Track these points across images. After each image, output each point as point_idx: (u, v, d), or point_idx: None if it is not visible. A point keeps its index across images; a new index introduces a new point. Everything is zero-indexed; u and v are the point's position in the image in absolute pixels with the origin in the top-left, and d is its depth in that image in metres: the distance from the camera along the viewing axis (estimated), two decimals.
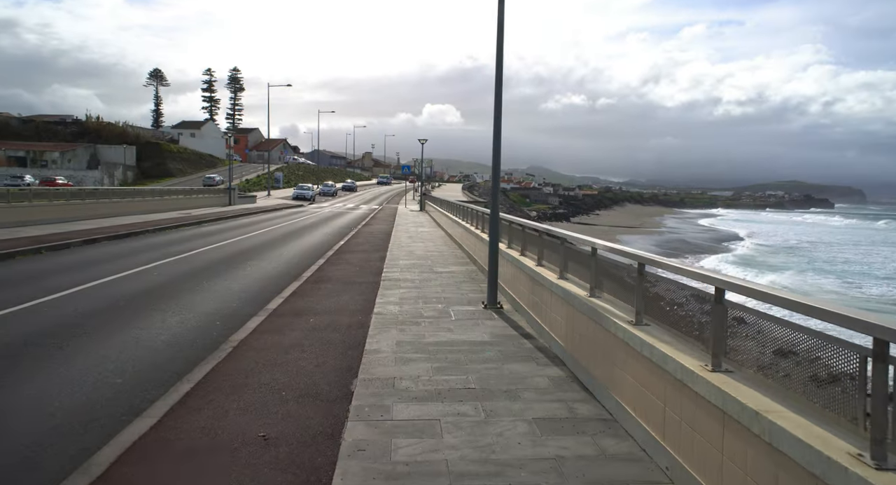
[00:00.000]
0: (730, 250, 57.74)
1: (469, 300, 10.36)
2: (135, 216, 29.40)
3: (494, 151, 9.66)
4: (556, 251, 8.00)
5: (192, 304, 10.13)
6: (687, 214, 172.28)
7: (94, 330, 8.21)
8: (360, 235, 24.09)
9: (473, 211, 17.82)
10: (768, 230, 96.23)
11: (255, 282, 12.50)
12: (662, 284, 4.75)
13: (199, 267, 14.33)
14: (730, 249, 58.83)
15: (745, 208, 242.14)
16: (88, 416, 5.22)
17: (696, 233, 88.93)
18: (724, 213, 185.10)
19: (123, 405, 5.45)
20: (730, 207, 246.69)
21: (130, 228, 22.77)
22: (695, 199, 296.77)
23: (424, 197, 49.18)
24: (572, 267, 7.22)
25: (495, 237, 9.77)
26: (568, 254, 7.35)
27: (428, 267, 14.62)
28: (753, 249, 60.71)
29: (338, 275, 13.09)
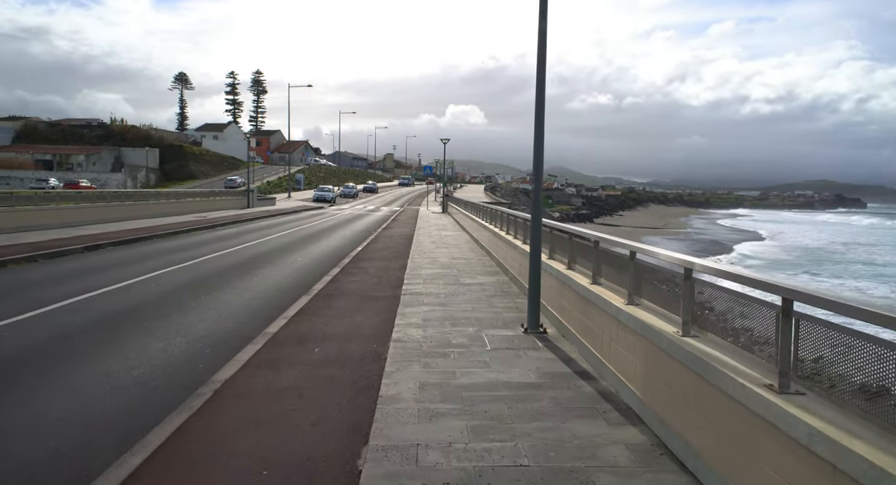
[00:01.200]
0: (757, 255, 55.11)
1: (505, 322, 8.76)
2: (149, 220, 28.39)
3: (536, 154, 8.08)
4: (619, 268, 6.37)
5: (182, 324, 8.70)
6: (712, 214, 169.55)
7: (58, 362, 6.81)
8: (379, 239, 22.63)
9: (502, 214, 16.20)
10: (796, 230, 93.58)
11: (260, 296, 11.06)
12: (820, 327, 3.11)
13: (203, 277, 12.96)
14: (757, 254, 56.17)
15: (773, 208, 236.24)
16: None
17: (724, 234, 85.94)
18: (748, 213, 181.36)
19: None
20: (756, 207, 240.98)
21: (139, 233, 21.63)
22: (720, 199, 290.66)
23: (447, 198, 47.64)
24: (647, 290, 5.59)
25: (537, 249, 8.15)
26: (639, 272, 5.71)
27: (454, 277, 13.04)
28: (779, 250, 57.96)
29: (353, 287, 11.58)
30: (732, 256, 50.14)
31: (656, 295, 5.39)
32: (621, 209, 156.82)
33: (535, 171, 8.19)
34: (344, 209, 48.84)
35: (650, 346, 4.89)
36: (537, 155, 8.07)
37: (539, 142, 8.02)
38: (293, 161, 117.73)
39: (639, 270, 5.73)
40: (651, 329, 4.85)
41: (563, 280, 8.05)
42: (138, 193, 30.44)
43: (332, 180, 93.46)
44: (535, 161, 8.10)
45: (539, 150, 8.05)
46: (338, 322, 8.61)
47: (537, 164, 8.09)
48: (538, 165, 8.10)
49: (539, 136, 8.00)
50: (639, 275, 5.73)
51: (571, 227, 8.43)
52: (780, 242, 69.80)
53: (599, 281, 6.93)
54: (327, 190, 61.18)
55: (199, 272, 13.68)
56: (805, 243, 68.13)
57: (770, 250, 58.80)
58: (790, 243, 68.54)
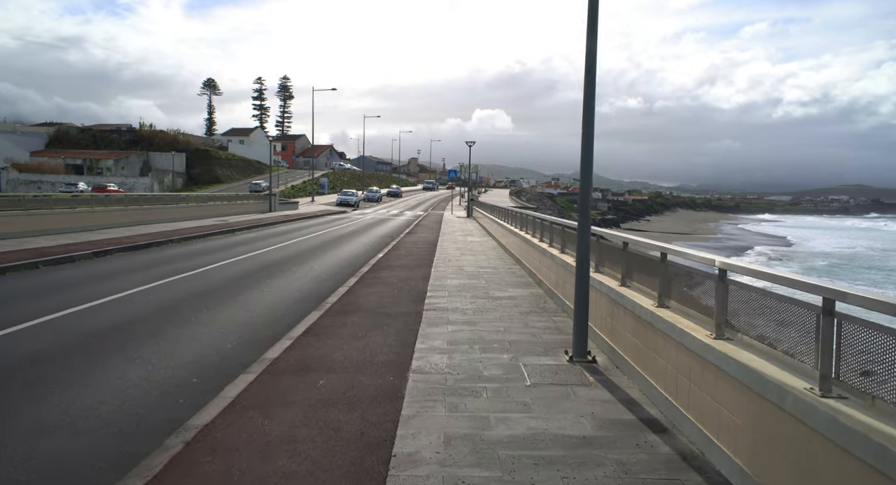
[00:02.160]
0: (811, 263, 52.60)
1: (545, 346, 7.45)
2: (168, 224, 27.73)
3: (584, 153, 6.78)
4: (696, 289, 5.05)
5: (171, 346, 7.59)
6: (742, 219, 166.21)
7: (6, 396, 5.73)
8: (401, 245, 21.47)
9: (534, 219, 14.88)
10: (819, 235, 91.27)
11: (266, 311, 9.92)
12: None
13: (208, 288, 11.92)
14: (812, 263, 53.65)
15: (805, 214, 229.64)
16: None
17: (756, 239, 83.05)
18: (777, 218, 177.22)
19: None
20: (788, 213, 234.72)
21: (154, 238, 20.83)
22: (750, 204, 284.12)
23: (472, 203, 46.37)
24: (745, 321, 4.25)
25: (585, 263, 6.82)
26: (732, 297, 4.38)
27: (482, 290, 11.76)
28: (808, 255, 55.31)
29: (369, 301, 10.39)
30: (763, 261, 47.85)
31: (761, 328, 4.05)
32: (648, 214, 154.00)
33: (584, 172, 6.87)
34: (367, 214, 47.92)
35: (766, 405, 3.55)
36: (586, 153, 6.78)
37: (588, 144, 6.73)
38: (318, 165, 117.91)
39: (731, 294, 4.40)
40: (767, 382, 3.52)
41: (615, 299, 6.73)
42: (155, 196, 29.84)
43: (356, 184, 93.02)
44: (584, 159, 6.80)
45: (588, 148, 6.76)
46: (349, 346, 7.40)
47: (586, 161, 6.79)
48: (587, 162, 6.79)
49: (588, 134, 6.71)
50: (730, 300, 4.39)
51: (627, 235, 7.10)
52: (806, 248, 67.46)
53: (667, 303, 5.60)
54: (351, 194, 60.40)
55: (205, 282, 12.65)
56: (829, 250, 65.65)
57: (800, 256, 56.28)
58: (818, 249, 66.05)
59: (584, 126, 6.73)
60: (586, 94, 6.63)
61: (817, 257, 56.64)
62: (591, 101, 6.69)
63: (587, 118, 6.71)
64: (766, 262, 49.84)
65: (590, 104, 6.68)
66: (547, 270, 11.52)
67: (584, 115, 6.69)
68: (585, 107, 6.66)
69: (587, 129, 6.74)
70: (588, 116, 6.69)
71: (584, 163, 6.78)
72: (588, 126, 6.74)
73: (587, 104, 6.64)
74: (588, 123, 6.73)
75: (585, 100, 6.65)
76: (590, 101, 6.68)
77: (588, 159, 6.77)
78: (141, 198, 28.25)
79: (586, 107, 6.65)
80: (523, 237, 15.34)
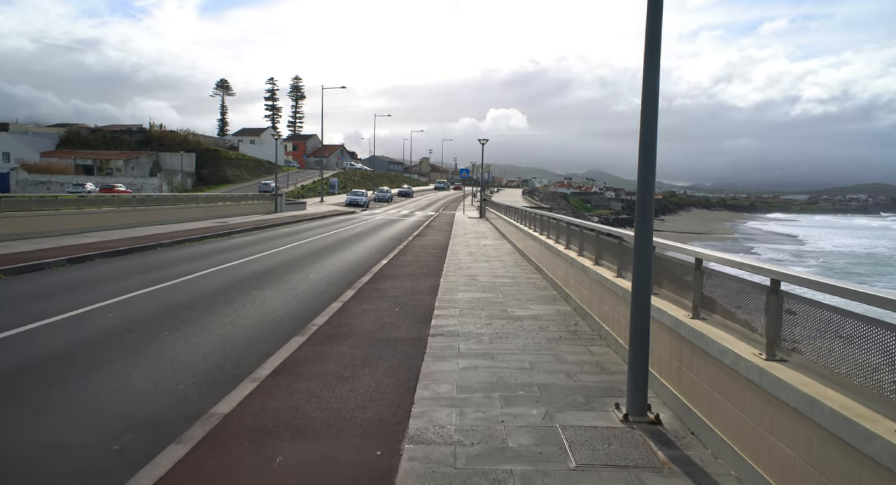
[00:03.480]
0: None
1: (586, 393, 5.66)
2: (165, 226, 26.25)
3: (643, 148, 4.98)
4: (834, 335, 3.26)
5: (103, 393, 5.89)
6: (759, 219, 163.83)
7: None
8: (409, 249, 19.74)
9: (557, 222, 13.06)
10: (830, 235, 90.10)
11: (237, 336, 8.21)
12: None
13: (180, 303, 10.26)
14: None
15: (822, 213, 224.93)
16: None
17: (776, 240, 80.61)
18: (793, 218, 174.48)
19: None
20: (804, 212, 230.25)
21: (140, 242, 19.29)
22: (766, 203, 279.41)
23: (484, 203, 44.55)
24: None
25: (645, 292, 4.99)
26: None
27: (499, 306, 9.99)
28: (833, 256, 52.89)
29: (365, 323, 8.65)
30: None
31: None
32: (662, 214, 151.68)
33: (643, 170, 5.05)
34: (376, 214, 46.31)
35: None
36: (646, 151, 4.98)
37: (649, 130, 4.93)
38: (329, 165, 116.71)
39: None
40: None
41: (686, 337, 4.93)
42: (153, 197, 28.37)
43: (366, 184, 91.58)
44: (644, 155, 5.00)
45: (648, 143, 4.96)
46: (329, 392, 5.66)
47: (646, 157, 4.98)
48: (647, 158, 4.98)
49: (650, 124, 4.91)
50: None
51: (699, 249, 5.27)
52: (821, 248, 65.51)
53: (786, 356, 3.79)
54: (360, 194, 58.85)
55: (179, 295, 10.99)
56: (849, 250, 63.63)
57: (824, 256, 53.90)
58: (837, 249, 64.01)
59: (644, 117, 4.94)
60: (647, 88, 4.84)
61: (834, 256, 54.60)
62: (654, 94, 4.89)
63: (648, 111, 4.92)
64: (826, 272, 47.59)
65: (652, 97, 4.89)
66: (576, 283, 9.72)
67: (643, 108, 4.90)
68: (646, 102, 4.87)
69: (649, 117, 4.95)
70: (649, 107, 4.90)
71: (644, 159, 4.97)
72: (650, 118, 4.94)
73: (649, 98, 4.85)
74: (650, 115, 4.94)
75: (646, 94, 4.86)
76: (652, 94, 4.88)
77: (649, 155, 4.96)
78: (134, 199, 26.78)
79: (647, 101, 4.86)
80: (544, 243, 13.53)
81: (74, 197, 22.62)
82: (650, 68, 4.88)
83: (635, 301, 5.01)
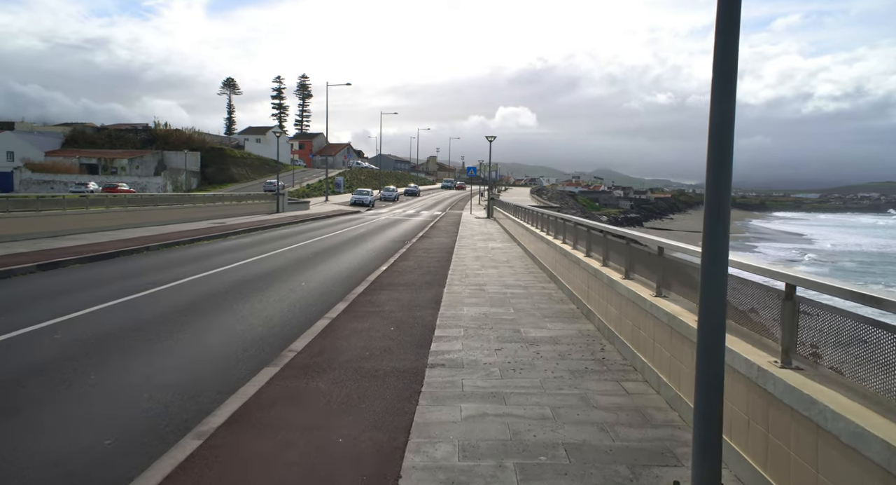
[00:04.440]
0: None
1: (630, 459, 4.28)
2: (159, 227, 25.08)
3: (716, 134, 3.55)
4: None
5: (9, 446, 4.61)
6: (769, 217, 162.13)
7: None
8: (412, 253, 18.41)
9: (575, 226, 11.67)
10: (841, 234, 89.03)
11: (198, 365, 6.90)
12: None
13: (144, 320, 8.96)
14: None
15: (833, 212, 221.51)
16: None
17: (789, 240, 78.71)
18: (802, 217, 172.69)
19: None
20: (815, 211, 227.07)
21: (126, 245, 18.07)
22: (776, 202, 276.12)
23: (492, 202, 43.14)
24: None
25: (718, 333, 3.60)
26: None
27: (511, 324, 8.62)
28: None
29: (352, 348, 7.31)
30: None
31: None
32: (671, 213, 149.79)
33: (716, 160, 3.66)
34: (381, 214, 45.07)
35: None
36: (720, 132, 3.58)
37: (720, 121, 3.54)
38: (335, 164, 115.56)
39: None
40: None
41: (776, 396, 3.56)
42: (143, 197, 27.18)
43: (373, 183, 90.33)
44: (715, 144, 3.61)
45: (723, 120, 3.56)
46: (289, 458, 4.31)
47: (720, 146, 3.59)
48: (722, 149, 3.59)
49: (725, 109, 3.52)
50: None
51: (792, 272, 3.89)
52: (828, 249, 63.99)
53: None
54: (365, 193, 57.61)
55: (149, 309, 9.71)
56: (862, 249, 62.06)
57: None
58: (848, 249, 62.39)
59: (720, 92, 3.53)
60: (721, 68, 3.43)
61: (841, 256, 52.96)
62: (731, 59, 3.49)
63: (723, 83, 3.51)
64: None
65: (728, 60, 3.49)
66: (601, 299, 8.34)
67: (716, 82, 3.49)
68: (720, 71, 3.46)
69: (724, 91, 3.54)
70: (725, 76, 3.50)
71: (718, 147, 3.58)
72: (725, 92, 3.54)
73: (725, 62, 3.44)
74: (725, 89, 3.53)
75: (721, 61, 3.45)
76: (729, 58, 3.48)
77: (723, 142, 3.57)
78: (125, 199, 25.60)
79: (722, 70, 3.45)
80: (559, 248, 12.15)
81: (59, 197, 21.43)
82: (727, 39, 3.49)
83: (704, 342, 3.62)
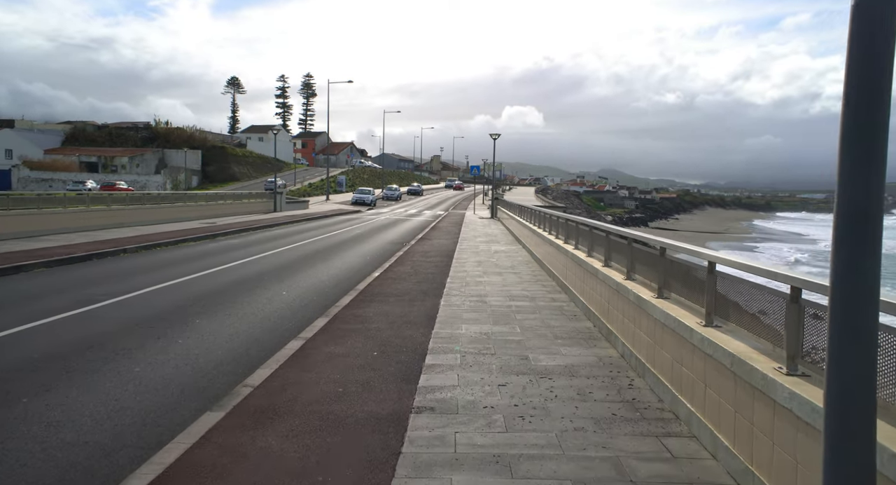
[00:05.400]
0: None
1: None
2: (147, 227, 23.80)
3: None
4: None
5: None
6: (776, 218, 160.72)
7: None
8: (409, 257, 17.04)
9: (590, 230, 10.26)
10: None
11: (125, 408, 5.51)
12: None
13: (92, 338, 7.61)
14: None
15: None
16: None
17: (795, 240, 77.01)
18: (806, 217, 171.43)
19: None
20: (820, 211, 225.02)
21: (103, 247, 16.78)
22: (782, 202, 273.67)
23: (496, 202, 41.76)
24: None
25: (869, 406, 2.24)
26: None
27: (517, 349, 7.22)
28: None
29: (322, 382, 5.92)
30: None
31: None
32: (677, 213, 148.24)
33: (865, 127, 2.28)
34: (382, 213, 43.76)
35: None
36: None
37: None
38: (338, 163, 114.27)
39: None
40: None
41: (784, 405, 2.16)
42: (129, 196, 25.90)
43: (376, 182, 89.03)
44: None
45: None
46: None
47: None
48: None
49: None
50: None
51: None
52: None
53: None
54: (366, 192, 56.32)
55: (102, 324, 8.36)
56: None
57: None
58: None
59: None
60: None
61: None
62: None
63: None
64: None
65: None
66: (624, 318, 6.94)
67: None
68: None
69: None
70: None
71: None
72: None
73: None
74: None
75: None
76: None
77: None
78: (108, 197, 24.31)
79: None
80: (571, 255, 10.74)
81: (34, 195, 20.16)
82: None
83: (837, 435, 2.22)
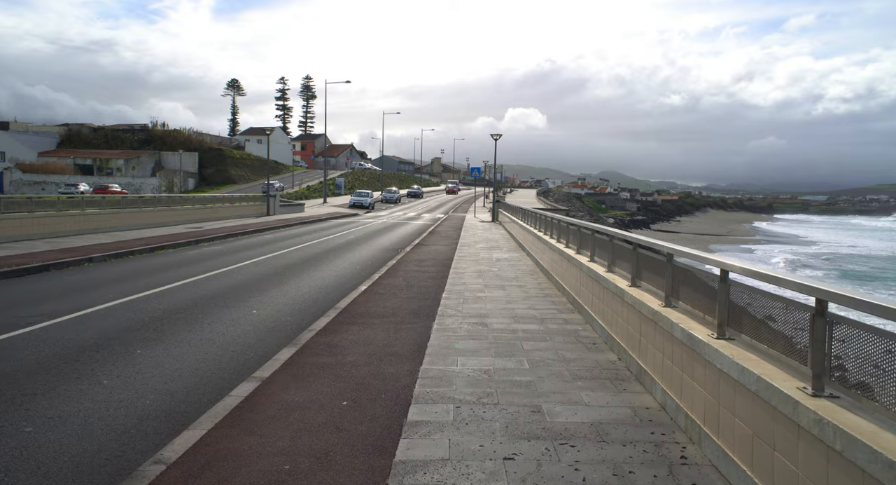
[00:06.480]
0: None
1: None
2: (127, 232, 22.30)
3: None
4: None
5: None
6: (778, 220, 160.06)
7: None
8: (402, 266, 15.51)
9: (610, 239, 8.73)
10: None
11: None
12: None
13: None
14: None
15: (842, 214, 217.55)
16: None
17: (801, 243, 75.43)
18: (807, 219, 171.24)
19: None
20: (822, 213, 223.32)
21: (65, 255, 15.26)
22: (784, 204, 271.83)
23: (497, 205, 40.22)
24: None
25: None
26: None
27: (526, 395, 5.68)
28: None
29: (262, 460, 4.38)
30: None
31: None
32: (678, 215, 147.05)
33: None
34: (380, 217, 42.25)
35: None
36: None
37: None
38: (338, 165, 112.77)
39: None
40: None
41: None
42: (106, 199, 24.37)
43: (375, 185, 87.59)
44: None
45: None
46: None
47: None
48: None
49: None
50: None
51: None
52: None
53: None
54: (364, 195, 54.81)
55: (8, 362, 6.85)
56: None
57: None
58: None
59: None
60: None
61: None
62: None
63: None
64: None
65: None
66: (665, 357, 5.40)
67: None
68: None
69: None
70: None
71: None
72: None
73: None
74: None
75: None
76: None
77: None
78: (82, 200, 22.80)
79: None
80: (587, 270, 9.18)
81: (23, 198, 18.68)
82: None
83: None
